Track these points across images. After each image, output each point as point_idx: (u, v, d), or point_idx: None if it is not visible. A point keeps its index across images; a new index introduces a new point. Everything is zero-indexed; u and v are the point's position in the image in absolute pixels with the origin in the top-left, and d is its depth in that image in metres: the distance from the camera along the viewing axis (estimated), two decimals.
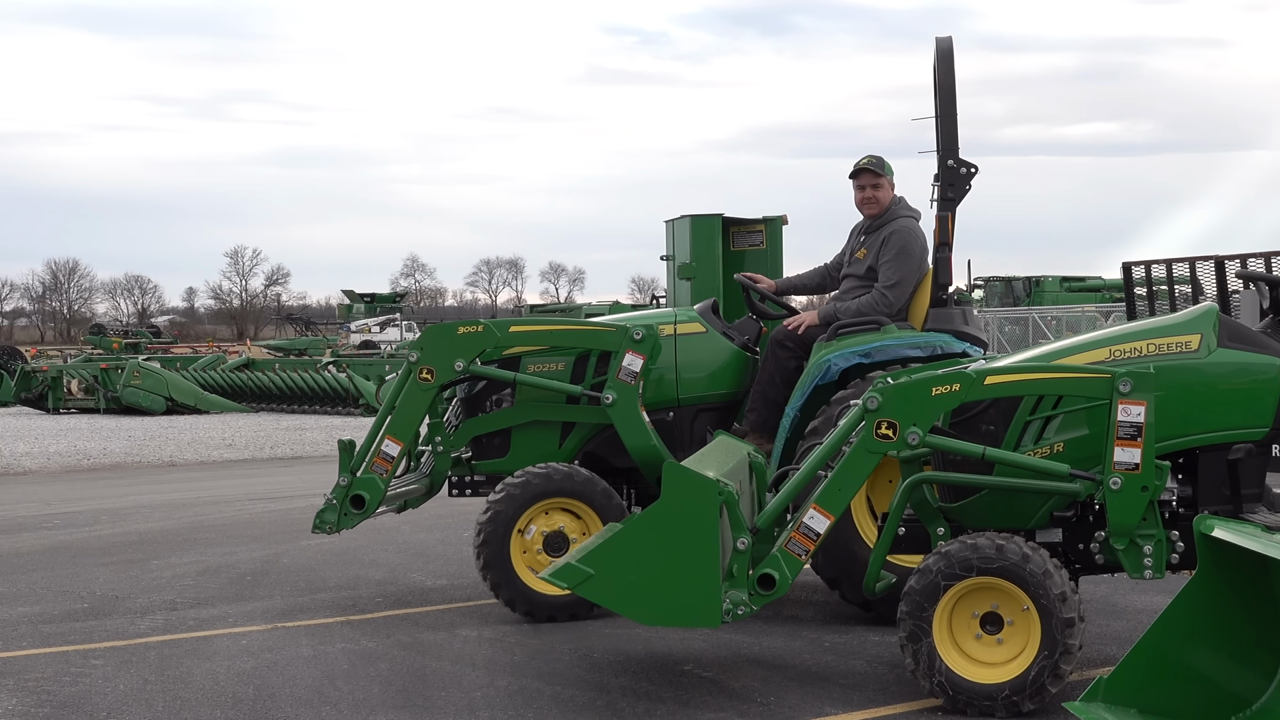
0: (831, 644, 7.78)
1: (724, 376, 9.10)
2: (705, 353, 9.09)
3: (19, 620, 8.73)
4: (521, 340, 8.93)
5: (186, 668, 7.44)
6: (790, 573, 6.53)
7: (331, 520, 8.62)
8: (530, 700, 6.74)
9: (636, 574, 6.34)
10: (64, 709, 6.69)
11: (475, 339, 8.74)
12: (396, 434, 8.65)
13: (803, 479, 6.82)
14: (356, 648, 7.86)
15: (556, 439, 8.93)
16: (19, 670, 7.41)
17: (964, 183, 8.80)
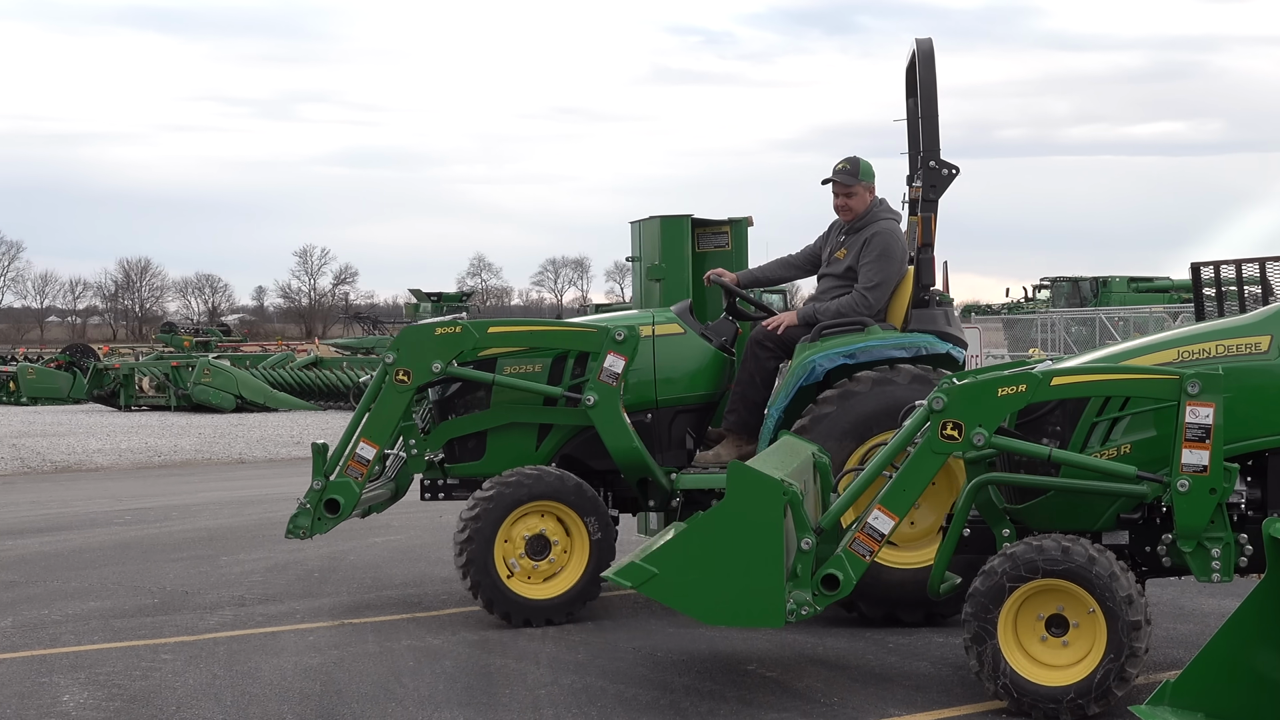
0: (895, 645, 7.76)
1: (702, 378, 9.03)
2: (683, 354, 9.00)
3: (90, 615, 8.85)
4: (500, 341, 8.79)
5: (254, 663, 7.52)
6: (854, 573, 6.52)
7: (305, 525, 8.44)
8: (594, 698, 6.77)
9: (700, 573, 6.34)
10: (134, 703, 6.78)
11: (453, 340, 8.60)
12: (372, 437, 8.52)
13: (867, 479, 6.81)
14: (422, 644, 7.91)
15: (533, 441, 8.79)
16: (90, 664, 7.51)
17: (945, 184, 8.79)
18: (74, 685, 7.10)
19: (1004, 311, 50.51)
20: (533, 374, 8.74)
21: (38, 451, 21.84)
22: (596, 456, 8.77)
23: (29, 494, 16.43)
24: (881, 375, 8.36)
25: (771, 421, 8.46)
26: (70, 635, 8.27)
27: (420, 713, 6.57)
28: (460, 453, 8.89)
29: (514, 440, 8.79)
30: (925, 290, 8.79)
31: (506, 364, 8.74)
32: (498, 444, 8.80)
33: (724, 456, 8.74)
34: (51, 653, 7.82)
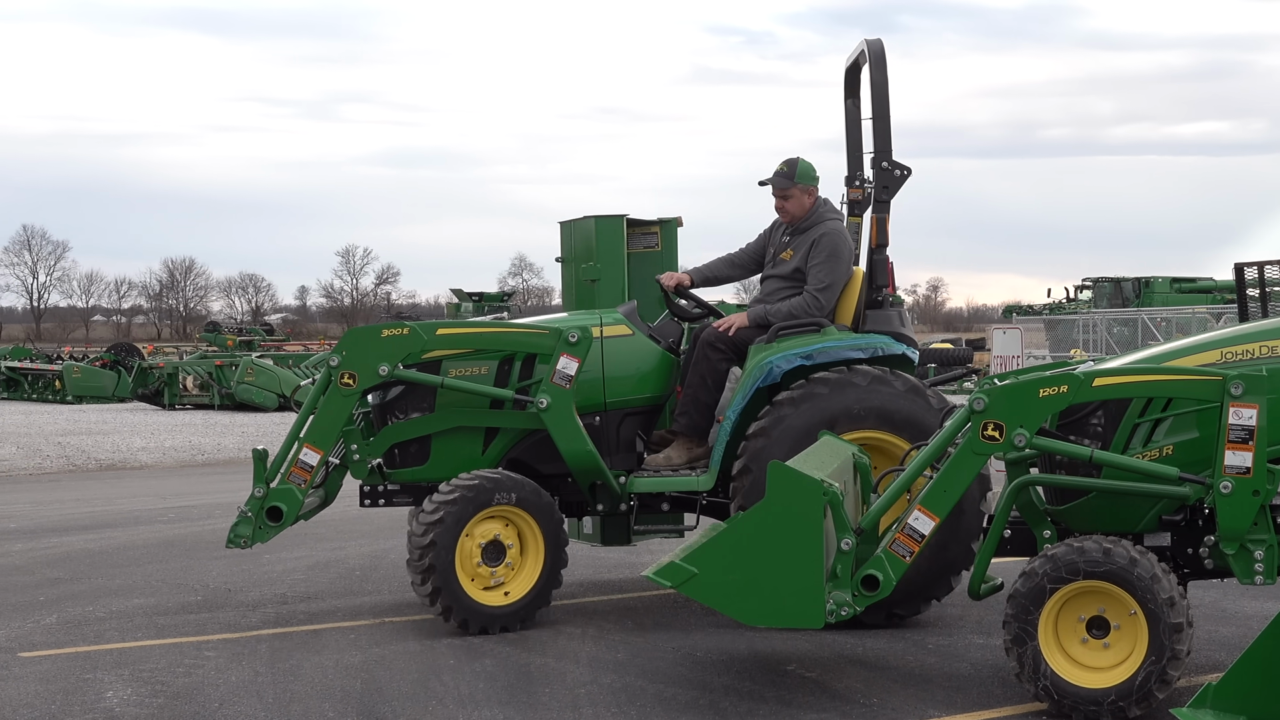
0: (935, 646, 7.75)
1: (650, 380, 8.84)
2: (632, 356, 8.80)
3: (135, 612, 8.91)
4: (450, 343, 8.55)
5: (296, 661, 7.56)
6: (894, 574, 6.51)
7: (246, 534, 8.20)
8: (633, 698, 6.78)
9: (740, 573, 6.35)
10: (177, 699, 6.83)
11: (400, 342, 8.34)
12: (315, 442, 8.29)
13: (907, 479, 6.80)
14: (462, 643, 7.94)
15: (480, 445, 8.57)
16: (135, 660, 7.57)
17: (897, 185, 8.77)
18: (118, 682, 7.15)
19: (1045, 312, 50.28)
20: (479, 376, 8.52)
21: (83, 450, 22.01)
22: (544, 460, 8.60)
23: (74, 491, 16.56)
24: (841, 376, 8.30)
25: (729, 424, 8.38)
26: (114, 632, 8.33)
27: (460, 711, 6.60)
28: (402, 458, 8.64)
29: (460, 444, 8.56)
30: (879, 291, 8.78)
31: (451, 366, 8.50)
32: (443, 448, 8.56)
33: (674, 459, 8.64)
34: (96, 649, 7.89)
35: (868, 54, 8.79)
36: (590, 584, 9.71)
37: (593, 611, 8.79)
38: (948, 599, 8.79)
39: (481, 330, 8.76)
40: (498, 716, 6.51)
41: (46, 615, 8.80)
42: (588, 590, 9.50)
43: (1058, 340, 38.25)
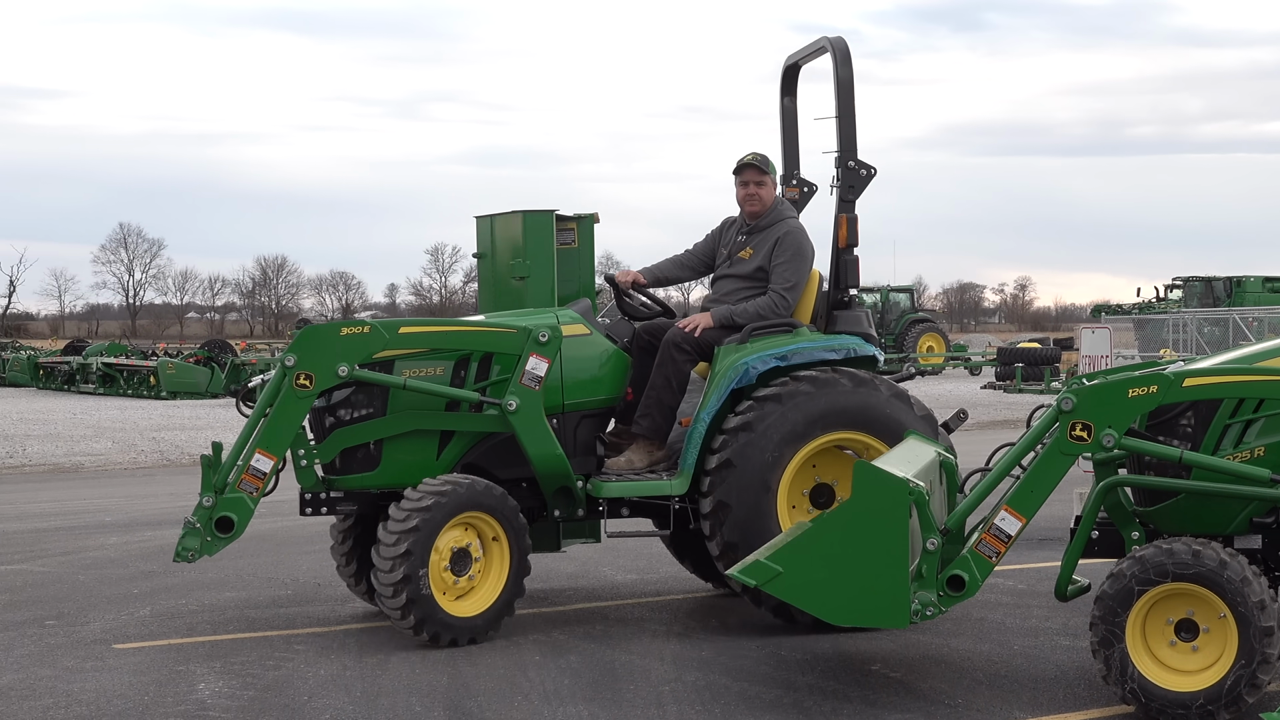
0: (1021, 648, 7.69)
1: (608, 380, 8.57)
2: (590, 356, 8.51)
3: (227, 605, 9.04)
4: (413, 342, 8.19)
5: (384, 655, 7.64)
6: (980, 575, 6.48)
7: (194, 547, 7.72)
8: (717, 696, 6.79)
9: (825, 572, 6.35)
10: (267, 692, 6.92)
11: (361, 341, 7.97)
12: (269, 447, 7.87)
13: (994, 479, 6.76)
14: (547, 639, 7.99)
15: (434, 450, 8.20)
16: (226, 653, 7.68)
17: (863, 184, 8.60)
18: (209, 674, 7.26)
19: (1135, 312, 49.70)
20: (435, 377, 8.19)
21: (177, 445, 22.31)
22: (502, 465, 8.28)
23: (168, 486, 16.80)
24: (826, 376, 8.20)
25: (704, 425, 8.17)
26: (206, 625, 8.46)
27: (545, 706, 6.64)
28: (349, 463, 8.21)
29: (413, 449, 8.17)
30: (845, 291, 8.68)
31: (405, 367, 8.13)
32: (395, 453, 8.16)
33: (635, 463, 8.39)
34: (188, 642, 8.01)
35: (833, 52, 8.63)
36: (674, 581, 9.73)
37: (676, 609, 8.81)
38: (1034, 600, 8.74)
39: (448, 329, 8.39)
40: (582, 713, 6.55)
41: (140, 608, 8.95)
42: (671, 588, 9.52)
43: (1147, 340, 37.80)
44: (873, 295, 50.68)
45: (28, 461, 19.91)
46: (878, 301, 50.25)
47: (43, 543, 11.72)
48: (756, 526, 7.97)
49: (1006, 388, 35.36)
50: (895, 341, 48.69)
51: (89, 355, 42.16)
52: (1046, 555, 10.08)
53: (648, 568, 10.29)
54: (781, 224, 8.66)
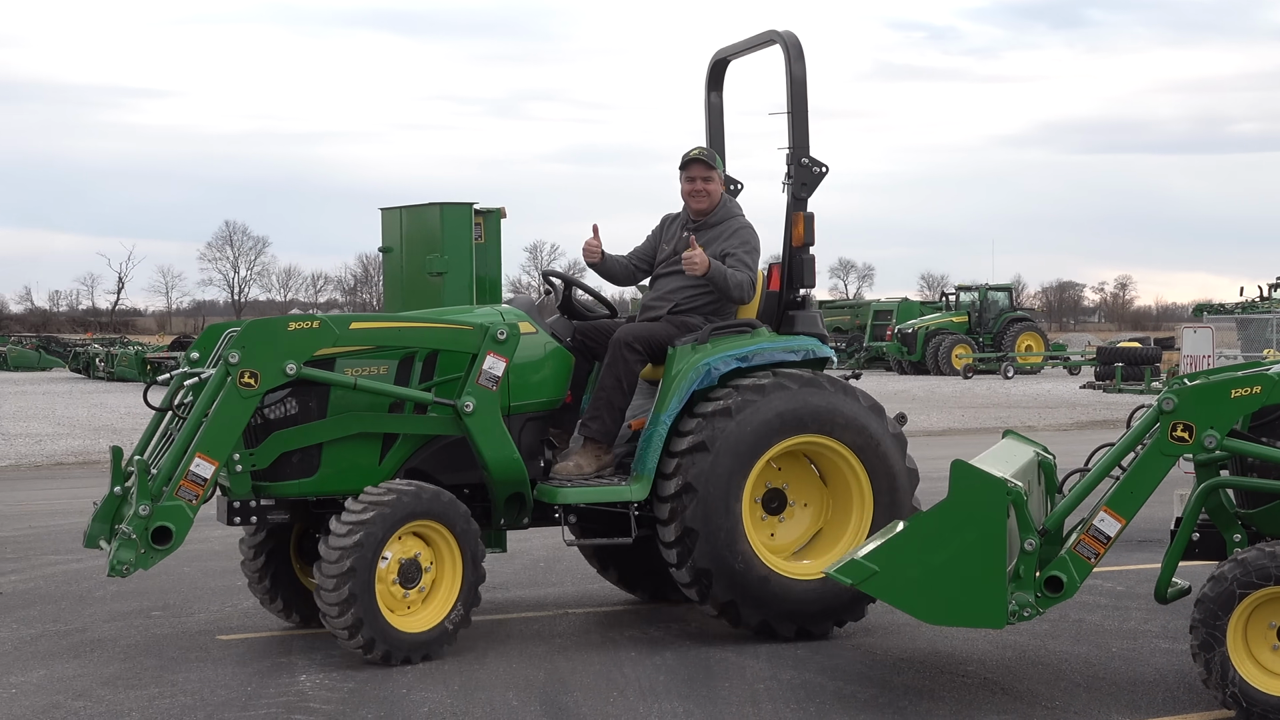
0: (1119, 650, 7.63)
1: (554, 381, 8.18)
2: (536, 356, 8.09)
3: None
4: (364, 339, 7.72)
5: (482, 650, 7.71)
6: (1079, 576, 6.43)
7: (129, 559, 7.05)
8: (812, 694, 6.80)
9: (921, 572, 6.34)
10: (367, 684, 7.01)
11: (310, 336, 7.47)
12: (210, 451, 7.23)
13: (1093, 480, 6.71)
14: (643, 635, 8.03)
15: (376, 454, 7.73)
16: (327, 645, 7.78)
17: (816, 182, 8.37)
18: (310, 666, 7.37)
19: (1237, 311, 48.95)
20: (379, 376, 7.70)
21: None
22: (448, 470, 7.86)
23: None
24: (771, 381, 7.92)
25: (664, 428, 7.85)
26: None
27: (641, 702, 6.68)
28: (285, 468, 7.64)
29: (354, 453, 7.68)
30: (797, 291, 8.50)
31: (347, 365, 7.64)
32: (335, 457, 7.66)
33: (584, 467, 7.99)
34: (290, 633, 8.14)
35: (784, 46, 8.44)
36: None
37: None
38: (1133, 603, 8.67)
39: (402, 325, 7.90)
40: (678, 709, 6.58)
41: (244, 599, 9.08)
42: None
43: (1250, 340, 37.15)
44: (971, 294, 50.29)
45: None
46: (976, 300, 49.86)
47: None
48: (726, 548, 7.72)
49: (1106, 387, 34.95)
50: (993, 340, 48.28)
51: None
52: (1146, 557, 9.98)
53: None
54: (734, 220, 8.46)
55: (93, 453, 20.26)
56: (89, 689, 6.95)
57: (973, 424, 25.82)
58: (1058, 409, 29.54)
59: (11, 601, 9.04)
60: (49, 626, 8.33)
